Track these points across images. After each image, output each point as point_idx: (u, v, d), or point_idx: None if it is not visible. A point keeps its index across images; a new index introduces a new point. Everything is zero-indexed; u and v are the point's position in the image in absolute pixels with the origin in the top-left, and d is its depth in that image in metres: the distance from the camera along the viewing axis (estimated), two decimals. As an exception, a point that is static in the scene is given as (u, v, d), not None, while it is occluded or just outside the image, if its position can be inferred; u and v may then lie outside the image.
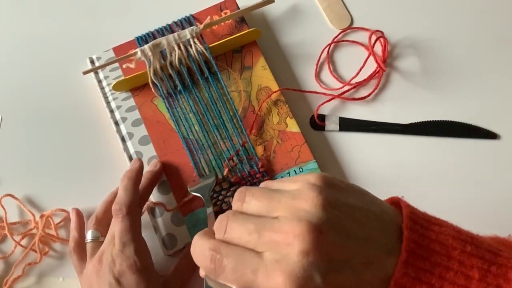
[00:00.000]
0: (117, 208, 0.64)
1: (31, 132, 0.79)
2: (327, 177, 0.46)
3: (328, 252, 0.40)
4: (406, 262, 0.42)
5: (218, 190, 0.72)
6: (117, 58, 0.75)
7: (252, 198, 0.46)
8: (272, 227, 0.42)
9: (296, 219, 0.41)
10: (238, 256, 0.42)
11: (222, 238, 0.44)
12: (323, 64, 0.81)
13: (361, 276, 0.42)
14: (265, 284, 0.40)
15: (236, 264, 0.42)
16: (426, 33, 0.83)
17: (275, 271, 0.40)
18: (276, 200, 0.45)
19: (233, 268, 0.42)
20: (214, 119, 0.75)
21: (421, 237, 0.43)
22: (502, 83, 0.79)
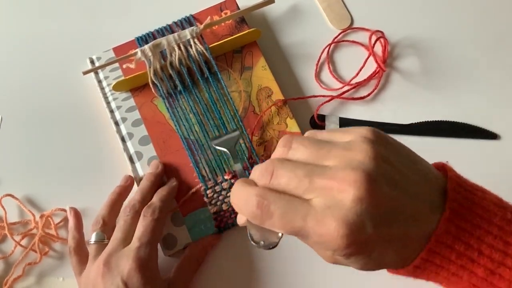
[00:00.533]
0: (150, 211, 0.66)
1: (31, 132, 0.79)
2: (379, 132, 0.46)
3: (381, 202, 0.41)
4: (448, 220, 0.43)
5: (219, 190, 0.72)
6: (117, 58, 0.75)
7: (300, 145, 0.46)
8: (324, 173, 0.42)
9: (350, 167, 0.42)
10: (286, 202, 0.43)
11: (268, 184, 0.45)
12: (323, 64, 0.81)
13: (407, 230, 0.43)
14: (315, 230, 0.41)
15: (285, 210, 0.42)
16: (426, 33, 0.83)
17: (327, 217, 0.41)
18: (327, 150, 0.45)
19: (281, 214, 0.42)
20: (214, 119, 0.75)
21: (464, 199, 0.45)
22: (502, 83, 0.79)
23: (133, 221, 0.66)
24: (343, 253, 0.42)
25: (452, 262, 0.44)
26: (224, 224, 0.72)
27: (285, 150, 0.47)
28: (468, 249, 0.44)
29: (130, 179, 0.73)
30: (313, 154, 0.45)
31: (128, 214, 0.66)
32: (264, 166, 0.46)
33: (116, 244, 0.63)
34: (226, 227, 0.72)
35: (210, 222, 0.72)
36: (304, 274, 0.71)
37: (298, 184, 0.43)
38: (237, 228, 0.73)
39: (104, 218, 0.69)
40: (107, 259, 0.62)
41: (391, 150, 0.45)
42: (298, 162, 0.45)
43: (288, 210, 0.42)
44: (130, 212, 0.66)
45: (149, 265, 0.62)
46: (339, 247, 0.41)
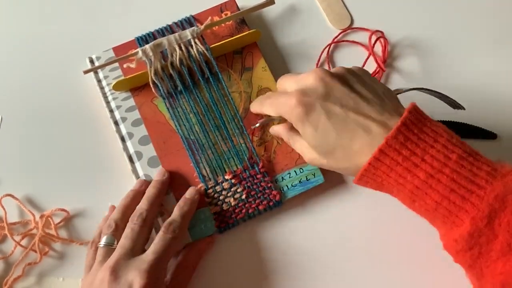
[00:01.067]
0: (171, 228, 0.65)
1: (31, 132, 0.79)
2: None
3: (334, 85, 0.61)
4: (398, 129, 0.54)
5: (219, 190, 0.72)
6: (117, 58, 0.75)
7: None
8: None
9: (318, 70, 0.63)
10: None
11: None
12: (323, 64, 0.81)
13: (356, 125, 0.58)
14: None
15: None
16: (426, 33, 0.83)
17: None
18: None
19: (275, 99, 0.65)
20: (215, 120, 0.75)
21: (416, 119, 0.56)
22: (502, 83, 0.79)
23: (141, 229, 0.65)
24: (295, 115, 0.60)
25: (399, 164, 0.54)
26: (224, 224, 0.72)
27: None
28: (412, 155, 0.53)
29: (145, 184, 0.73)
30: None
31: (135, 223, 0.66)
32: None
33: (123, 253, 0.62)
34: (226, 227, 0.72)
35: (211, 222, 0.72)
36: (304, 274, 0.71)
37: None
38: (237, 228, 0.73)
39: (116, 222, 0.68)
40: (114, 267, 0.61)
41: (363, 78, 0.63)
42: None
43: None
44: (137, 220, 0.66)
45: (158, 283, 0.62)
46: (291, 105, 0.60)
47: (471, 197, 0.52)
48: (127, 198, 0.71)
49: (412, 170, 0.54)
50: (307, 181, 0.73)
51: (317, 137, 0.59)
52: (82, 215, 0.74)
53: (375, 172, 0.56)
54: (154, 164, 0.74)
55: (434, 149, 0.53)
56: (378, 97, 0.60)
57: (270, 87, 0.78)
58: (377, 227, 0.72)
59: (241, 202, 0.72)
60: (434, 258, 0.69)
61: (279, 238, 0.73)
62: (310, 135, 0.60)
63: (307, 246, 0.72)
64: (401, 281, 0.70)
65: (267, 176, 0.73)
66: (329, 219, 0.73)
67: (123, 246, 0.63)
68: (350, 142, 0.57)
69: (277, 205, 0.73)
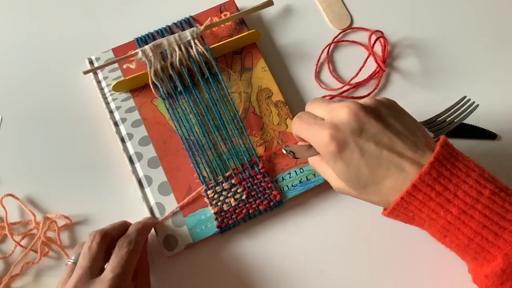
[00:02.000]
0: (126, 242, 0.64)
1: (30, 132, 0.79)
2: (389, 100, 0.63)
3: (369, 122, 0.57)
4: (431, 165, 0.53)
5: (219, 190, 0.72)
6: (117, 58, 0.75)
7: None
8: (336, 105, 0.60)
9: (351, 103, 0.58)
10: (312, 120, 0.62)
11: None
12: (323, 64, 0.81)
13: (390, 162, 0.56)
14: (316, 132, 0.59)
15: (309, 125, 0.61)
16: (426, 33, 0.83)
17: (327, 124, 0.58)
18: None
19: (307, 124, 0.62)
20: (214, 120, 0.75)
21: (449, 154, 0.55)
22: (502, 83, 0.80)
23: (99, 247, 0.63)
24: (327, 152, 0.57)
25: (432, 199, 0.53)
26: (225, 224, 0.72)
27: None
28: (445, 191, 0.53)
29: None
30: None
31: (92, 240, 0.63)
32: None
33: (82, 274, 0.60)
34: (227, 228, 0.72)
35: (211, 223, 0.72)
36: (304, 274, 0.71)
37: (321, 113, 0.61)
38: (238, 228, 0.73)
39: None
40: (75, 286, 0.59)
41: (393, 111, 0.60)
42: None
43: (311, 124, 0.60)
44: (96, 237, 0.64)
45: None
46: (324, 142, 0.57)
47: (504, 233, 0.52)
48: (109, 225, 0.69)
49: (445, 205, 0.53)
50: (307, 181, 0.73)
51: (349, 173, 0.58)
52: (82, 216, 0.75)
53: (407, 207, 0.55)
54: (154, 165, 0.74)
55: (467, 185, 0.53)
56: (410, 131, 0.58)
57: (269, 88, 0.78)
58: (378, 227, 0.72)
59: (241, 202, 0.72)
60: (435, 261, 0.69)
61: (280, 238, 0.73)
62: (341, 171, 0.58)
63: (308, 246, 0.72)
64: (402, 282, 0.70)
65: (267, 176, 0.73)
66: (329, 219, 0.73)
67: (81, 266, 0.61)
68: (383, 180, 0.56)
69: (277, 205, 0.73)
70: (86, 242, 0.63)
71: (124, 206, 0.74)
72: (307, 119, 0.62)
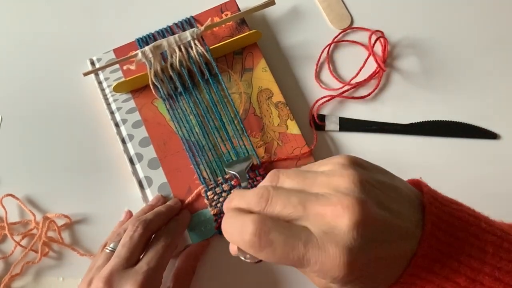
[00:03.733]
0: (164, 236, 0.65)
1: (31, 133, 0.79)
2: (353, 157, 0.48)
3: (373, 223, 0.42)
4: (430, 234, 0.44)
5: (219, 191, 0.73)
6: (117, 60, 0.76)
7: (286, 178, 0.47)
8: (317, 200, 0.43)
9: (341, 193, 0.43)
10: (286, 230, 0.42)
11: (262, 211, 0.44)
12: (323, 64, 0.81)
13: (396, 247, 0.44)
14: (317, 256, 0.41)
15: (286, 237, 0.42)
16: (426, 33, 0.82)
17: (327, 243, 0.41)
18: (312, 179, 0.46)
19: (283, 241, 0.42)
20: (214, 121, 0.75)
21: (441, 212, 0.46)
22: (502, 83, 0.79)
23: (140, 239, 0.63)
24: (343, 281, 0.42)
25: (436, 274, 0.45)
26: (225, 225, 0.72)
27: (273, 182, 0.48)
28: (449, 260, 0.45)
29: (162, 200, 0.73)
30: (300, 183, 0.46)
31: (135, 230, 0.64)
32: (259, 192, 0.45)
33: (119, 263, 0.61)
34: (226, 229, 0.72)
35: (211, 224, 0.72)
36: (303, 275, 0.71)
37: (292, 211, 0.43)
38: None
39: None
40: (108, 277, 0.59)
41: (370, 172, 0.47)
42: (290, 189, 0.45)
43: (290, 237, 0.42)
44: (139, 228, 0.64)
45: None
46: (339, 275, 0.41)
47: None
48: (142, 211, 0.70)
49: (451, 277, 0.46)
50: (307, 182, 0.73)
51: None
52: (82, 216, 0.75)
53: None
54: (155, 166, 0.74)
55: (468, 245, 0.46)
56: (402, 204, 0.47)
57: (270, 88, 0.78)
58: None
59: (241, 203, 0.72)
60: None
61: (279, 239, 0.73)
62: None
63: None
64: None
65: (267, 178, 0.73)
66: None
67: (119, 255, 0.62)
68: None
69: (277, 207, 0.72)
70: (128, 231, 0.64)
71: (124, 206, 0.75)
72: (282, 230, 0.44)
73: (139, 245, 0.63)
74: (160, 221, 0.67)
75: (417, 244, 0.45)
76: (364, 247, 0.41)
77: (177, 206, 0.72)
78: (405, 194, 0.47)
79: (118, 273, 0.60)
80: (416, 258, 0.44)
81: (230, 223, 0.45)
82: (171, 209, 0.70)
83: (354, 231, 0.41)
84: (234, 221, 0.45)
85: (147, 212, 0.69)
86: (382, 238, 0.43)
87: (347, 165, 0.46)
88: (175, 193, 0.73)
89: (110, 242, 0.66)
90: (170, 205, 0.71)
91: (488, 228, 0.47)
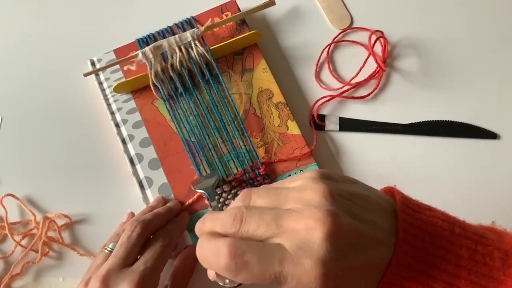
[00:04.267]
0: (161, 236, 0.65)
1: (31, 133, 0.79)
2: (322, 171, 0.49)
3: (346, 234, 0.43)
4: (404, 241, 0.45)
5: (219, 192, 0.73)
6: (118, 60, 0.76)
7: (258, 196, 0.48)
8: (289, 216, 0.44)
9: (311, 207, 0.44)
10: (260, 249, 0.43)
11: (237, 232, 0.45)
12: (323, 64, 0.81)
13: (370, 256, 0.44)
14: (294, 273, 0.42)
15: (260, 257, 0.42)
16: (426, 33, 0.82)
17: (302, 258, 0.42)
18: (284, 195, 0.47)
19: (257, 261, 0.42)
20: (215, 121, 0.75)
21: (414, 219, 0.47)
22: (502, 83, 0.80)
23: (138, 239, 0.63)
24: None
25: (413, 280, 0.46)
26: (225, 226, 0.72)
27: (245, 202, 0.48)
28: (424, 266, 0.45)
29: (162, 202, 0.73)
30: (272, 202, 0.47)
31: (133, 230, 0.64)
32: (231, 213, 0.46)
33: (116, 262, 0.61)
34: (227, 230, 0.72)
35: (211, 225, 0.72)
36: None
37: (266, 229, 0.44)
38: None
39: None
40: (105, 276, 0.59)
41: (340, 184, 0.48)
42: (263, 207, 0.46)
43: (264, 257, 0.42)
44: (137, 228, 0.64)
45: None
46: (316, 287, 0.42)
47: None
48: (142, 213, 0.70)
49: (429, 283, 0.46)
50: (307, 182, 0.73)
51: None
52: (82, 216, 0.75)
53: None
54: (155, 166, 0.74)
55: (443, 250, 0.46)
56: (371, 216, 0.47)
57: (270, 89, 0.78)
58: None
59: (241, 204, 0.72)
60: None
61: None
62: None
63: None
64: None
65: (268, 179, 0.73)
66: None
67: (117, 254, 0.61)
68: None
69: (277, 207, 0.72)
70: (126, 231, 0.64)
71: (124, 207, 0.75)
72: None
73: (137, 245, 0.63)
74: (158, 222, 0.67)
75: (391, 252, 0.45)
76: (338, 258, 0.42)
77: (176, 208, 0.72)
78: (376, 203, 0.48)
79: (115, 272, 0.60)
80: (391, 267, 0.45)
81: (205, 249, 0.46)
82: (170, 210, 0.70)
83: (327, 243, 0.41)
84: (208, 246, 0.45)
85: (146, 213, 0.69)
86: (356, 248, 0.43)
87: (317, 179, 0.47)
88: (176, 194, 0.73)
89: (110, 243, 0.66)
90: (170, 207, 0.71)
91: (462, 232, 0.47)
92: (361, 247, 0.44)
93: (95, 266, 0.63)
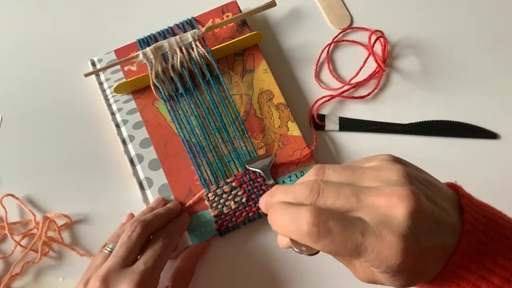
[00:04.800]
0: (162, 236, 0.65)
1: (31, 133, 0.79)
2: (396, 156, 0.49)
3: (426, 216, 0.43)
4: (469, 232, 0.45)
5: (220, 193, 0.73)
6: (118, 61, 0.75)
7: (332, 171, 0.48)
8: (369, 191, 0.44)
9: (393, 185, 0.44)
10: (343, 219, 0.43)
11: (315, 203, 0.45)
12: (323, 64, 0.81)
13: (441, 240, 0.44)
14: (374, 244, 0.42)
15: (344, 226, 0.42)
16: (426, 33, 0.83)
17: (384, 231, 0.42)
18: (359, 173, 0.46)
19: (341, 230, 0.42)
20: (215, 122, 0.75)
21: (477, 214, 0.46)
22: (502, 83, 0.80)
23: (138, 239, 0.63)
24: (397, 269, 0.43)
25: (473, 272, 0.46)
26: (224, 227, 0.72)
27: (319, 176, 0.48)
28: (484, 259, 0.45)
29: (162, 203, 0.73)
30: (349, 177, 0.47)
31: (133, 230, 0.64)
32: (308, 185, 0.46)
33: (116, 262, 0.61)
34: (226, 230, 0.72)
35: (211, 225, 0.72)
36: (304, 276, 0.72)
37: (345, 203, 0.44)
38: (238, 231, 0.73)
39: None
40: (105, 276, 0.59)
41: (413, 169, 0.48)
42: (340, 182, 0.46)
43: (347, 226, 0.42)
44: (137, 228, 0.64)
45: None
46: (395, 262, 0.42)
47: None
48: (142, 214, 0.70)
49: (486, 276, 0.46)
50: (307, 183, 0.73)
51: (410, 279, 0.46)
52: (82, 216, 0.75)
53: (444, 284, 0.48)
54: (155, 167, 0.74)
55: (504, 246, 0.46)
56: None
57: (271, 90, 0.78)
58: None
59: (241, 205, 0.72)
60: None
61: (279, 241, 0.73)
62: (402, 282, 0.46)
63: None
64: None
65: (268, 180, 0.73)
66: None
67: (117, 254, 0.62)
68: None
69: (277, 208, 0.73)
70: (126, 231, 0.64)
71: (124, 207, 0.75)
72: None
73: (137, 245, 0.63)
74: (158, 222, 0.67)
75: (457, 241, 0.45)
76: (418, 237, 0.42)
77: (176, 208, 0.72)
78: (444, 192, 0.48)
79: (115, 272, 0.60)
80: (455, 254, 0.45)
81: (282, 215, 0.45)
82: (170, 211, 0.70)
83: (409, 220, 0.42)
84: (287, 212, 0.45)
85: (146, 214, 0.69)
86: (432, 229, 0.44)
87: (393, 161, 0.47)
88: (176, 194, 0.73)
89: (109, 243, 0.66)
90: (170, 208, 0.71)
91: None
92: (436, 229, 0.44)
93: (94, 266, 0.63)
